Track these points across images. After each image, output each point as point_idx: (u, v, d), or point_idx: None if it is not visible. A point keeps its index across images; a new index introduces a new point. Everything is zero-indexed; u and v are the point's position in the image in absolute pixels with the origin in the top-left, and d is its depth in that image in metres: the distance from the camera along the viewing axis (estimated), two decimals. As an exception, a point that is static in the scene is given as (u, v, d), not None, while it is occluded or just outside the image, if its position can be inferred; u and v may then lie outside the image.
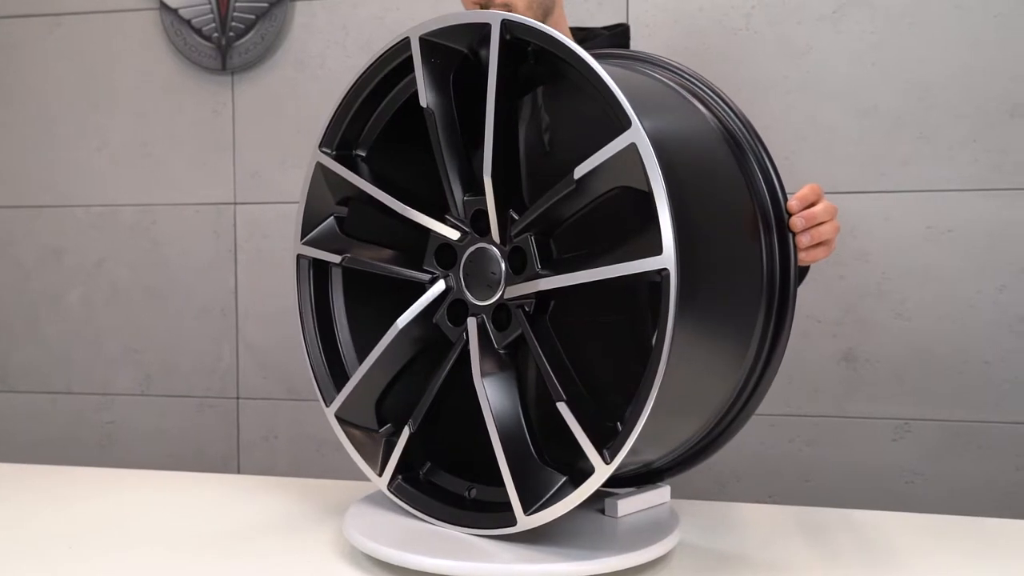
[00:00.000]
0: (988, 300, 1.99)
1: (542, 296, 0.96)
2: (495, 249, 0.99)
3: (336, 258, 1.12)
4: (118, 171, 2.41)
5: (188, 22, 2.33)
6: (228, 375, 2.37)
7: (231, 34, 2.30)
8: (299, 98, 2.30)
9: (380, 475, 1.08)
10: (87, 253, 2.44)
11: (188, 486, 1.41)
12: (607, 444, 0.89)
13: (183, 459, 2.40)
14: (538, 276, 0.95)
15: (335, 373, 1.18)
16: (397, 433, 1.10)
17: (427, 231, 1.05)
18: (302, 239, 1.18)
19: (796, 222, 1.06)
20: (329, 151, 1.14)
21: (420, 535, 1.02)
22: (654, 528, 1.06)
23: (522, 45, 0.95)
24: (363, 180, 1.08)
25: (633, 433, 0.86)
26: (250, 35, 2.30)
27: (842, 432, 2.07)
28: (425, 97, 0.99)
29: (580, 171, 0.89)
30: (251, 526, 1.19)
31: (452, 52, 0.99)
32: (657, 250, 0.83)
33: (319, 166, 1.14)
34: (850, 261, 2.03)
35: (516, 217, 0.97)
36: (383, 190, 1.06)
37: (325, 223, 1.16)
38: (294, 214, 2.34)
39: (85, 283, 2.44)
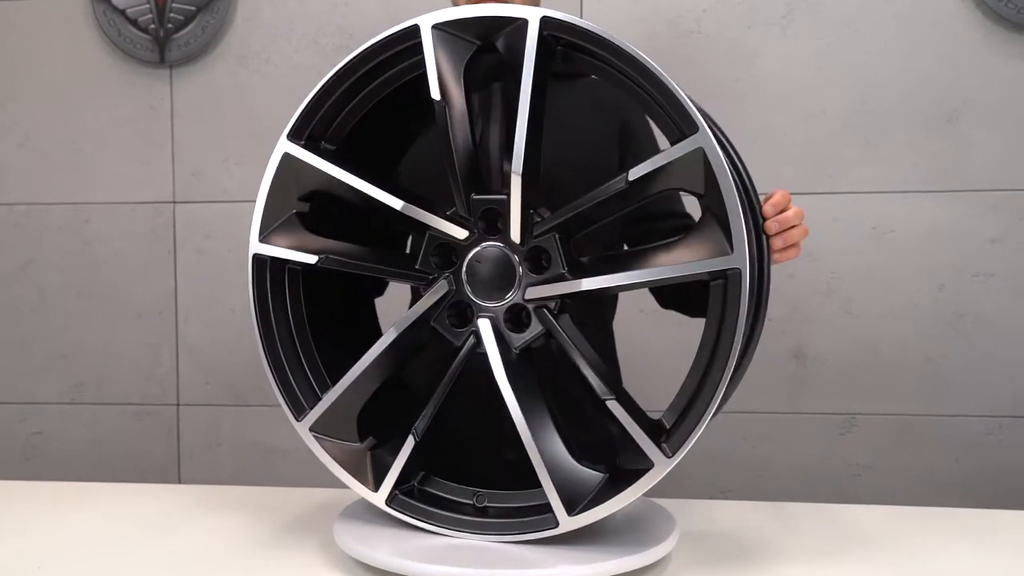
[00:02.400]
0: (928, 298, 2.07)
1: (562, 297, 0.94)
2: (507, 249, 0.96)
3: (310, 257, 1.03)
4: (45, 168, 2.29)
5: (122, 12, 2.22)
6: (167, 381, 2.28)
7: (169, 26, 2.21)
8: (242, 94, 2.22)
9: (376, 490, 1.02)
10: (10, 255, 2.30)
11: (147, 498, 1.34)
12: (657, 439, 0.90)
13: (118, 470, 2.29)
14: (563, 277, 0.93)
15: (300, 383, 1.08)
16: (382, 444, 1.05)
17: (408, 230, 1.00)
18: (260, 237, 1.07)
19: (771, 226, 1.09)
20: (299, 142, 1.05)
21: (424, 546, 0.98)
22: (654, 527, 1.06)
23: (550, 42, 0.93)
24: (352, 175, 1.01)
25: (699, 427, 0.88)
26: (190, 27, 2.21)
27: (792, 428, 2.12)
28: (437, 89, 0.94)
29: (636, 173, 0.89)
30: (229, 538, 1.14)
31: (464, 44, 0.96)
32: (720, 250, 0.86)
33: (286, 157, 1.05)
34: (799, 260, 2.05)
35: (541, 216, 0.95)
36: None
37: (285, 219, 1.06)
38: (237, 214, 2.28)
39: (8, 286, 2.31)
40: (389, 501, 1.02)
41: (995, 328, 2.05)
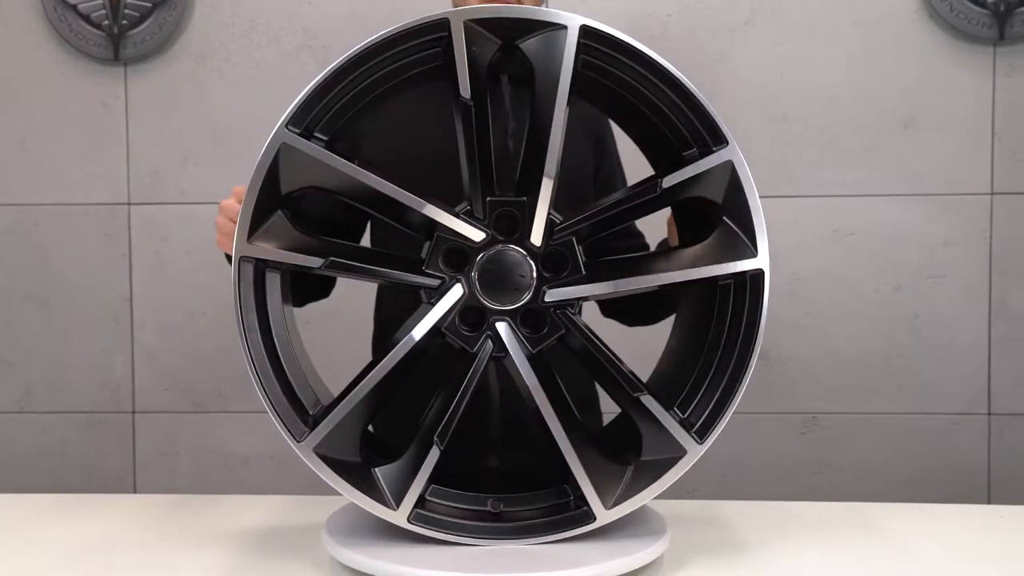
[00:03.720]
0: (886, 299, 2.13)
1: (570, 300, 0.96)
2: (522, 251, 0.96)
3: (313, 260, 0.95)
4: (-10, 168, 2.20)
5: (74, 7, 2.15)
6: (122, 388, 2.21)
7: (124, 22, 2.14)
8: (201, 93, 2.17)
9: (396, 507, 0.96)
10: (-48, 258, 2.21)
11: (105, 510, 1.27)
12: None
13: (70, 480, 2.21)
14: (583, 280, 0.95)
15: (290, 399, 0.99)
16: (384, 460, 1.00)
17: (415, 231, 0.98)
18: (249, 237, 0.97)
19: None
20: (297, 131, 0.96)
21: (435, 555, 0.96)
22: (645, 528, 1.07)
23: (579, 49, 0.95)
24: (368, 172, 0.95)
25: (727, 411, 0.97)
26: (146, 24, 2.15)
27: (756, 427, 2.16)
28: (468, 88, 0.93)
29: (670, 181, 0.95)
30: (205, 554, 1.09)
31: (489, 43, 0.95)
32: (745, 253, 0.96)
33: (285, 149, 0.95)
34: (762, 263, 2.11)
35: (557, 220, 0.95)
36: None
37: (274, 218, 0.97)
38: (196, 216, 2.22)
39: (-51, 291, 2.21)
40: (410, 518, 0.97)
41: (949, 328, 2.12)
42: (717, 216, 0.98)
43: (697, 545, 1.11)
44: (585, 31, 0.95)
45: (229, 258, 1.13)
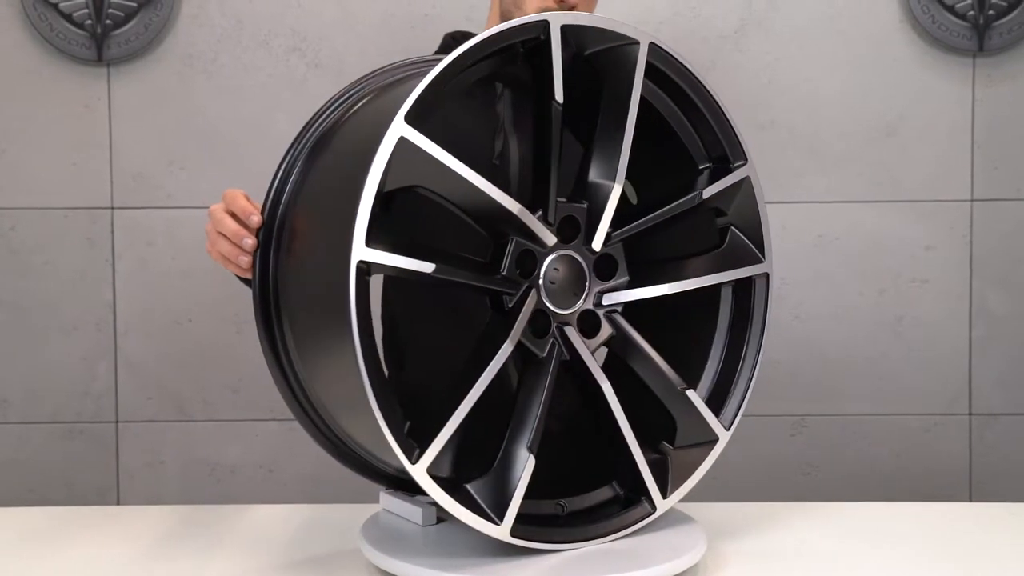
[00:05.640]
0: (870, 302, 2.18)
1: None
2: (579, 255, 0.97)
3: (426, 266, 0.88)
4: (-36, 170, 2.13)
5: (55, 6, 2.09)
6: (105, 397, 2.15)
7: (108, 22, 2.10)
8: (187, 95, 2.13)
9: (499, 522, 0.91)
10: (-77, 263, 2.13)
11: (94, 523, 1.21)
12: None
13: (49, 493, 2.15)
14: (630, 283, 0.99)
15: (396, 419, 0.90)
16: (471, 471, 0.95)
17: (491, 234, 0.96)
18: (368, 241, 0.85)
19: None
20: (413, 127, 0.87)
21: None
22: (683, 533, 1.07)
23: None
24: (471, 171, 0.90)
25: (744, 402, 1.10)
26: (131, 24, 2.10)
27: (744, 430, 2.16)
28: (561, 91, 0.94)
29: (709, 191, 1.03)
30: (231, 564, 1.06)
31: (569, 50, 0.97)
32: (754, 259, 1.06)
33: (402, 143, 0.85)
34: (751, 267, 2.15)
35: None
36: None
37: (374, 220, 0.86)
38: (182, 220, 2.17)
39: (-81, 297, 2.13)
40: (512, 531, 0.93)
41: (929, 330, 2.18)
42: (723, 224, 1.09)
43: (733, 550, 1.13)
44: (652, 49, 1.00)
45: (242, 282, 1.14)
